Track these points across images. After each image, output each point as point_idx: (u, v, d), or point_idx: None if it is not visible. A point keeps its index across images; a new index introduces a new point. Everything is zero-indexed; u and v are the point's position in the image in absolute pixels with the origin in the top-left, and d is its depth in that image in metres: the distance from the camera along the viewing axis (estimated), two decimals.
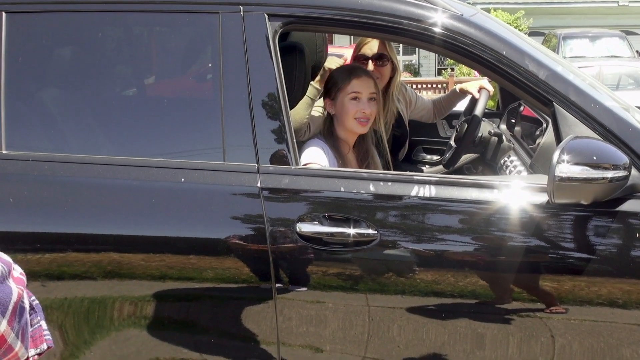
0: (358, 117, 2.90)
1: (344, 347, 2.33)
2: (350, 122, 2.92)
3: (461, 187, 2.33)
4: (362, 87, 2.90)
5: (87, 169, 2.37)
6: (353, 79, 2.92)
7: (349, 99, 2.90)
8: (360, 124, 2.92)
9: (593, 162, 2.12)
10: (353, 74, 2.96)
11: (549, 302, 2.27)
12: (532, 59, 2.38)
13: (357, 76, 2.94)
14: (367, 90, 2.91)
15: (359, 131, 2.94)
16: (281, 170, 2.35)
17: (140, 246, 2.33)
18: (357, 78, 2.92)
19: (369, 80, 2.95)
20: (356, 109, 2.89)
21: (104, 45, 2.59)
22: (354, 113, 2.89)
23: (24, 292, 1.25)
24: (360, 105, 2.89)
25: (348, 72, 2.99)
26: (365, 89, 2.90)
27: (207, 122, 2.47)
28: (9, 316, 1.19)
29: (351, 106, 2.90)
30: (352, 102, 2.90)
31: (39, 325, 1.35)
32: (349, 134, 2.97)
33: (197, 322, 2.38)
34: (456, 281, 2.27)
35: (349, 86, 2.91)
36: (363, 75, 2.95)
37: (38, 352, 1.31)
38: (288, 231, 2.28)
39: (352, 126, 2.92)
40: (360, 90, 2.90)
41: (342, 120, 2.93)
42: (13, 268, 1.26)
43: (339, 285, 2.28)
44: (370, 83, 2.94)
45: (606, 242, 2.25)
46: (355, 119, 2.91)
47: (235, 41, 2.40)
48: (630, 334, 2.27)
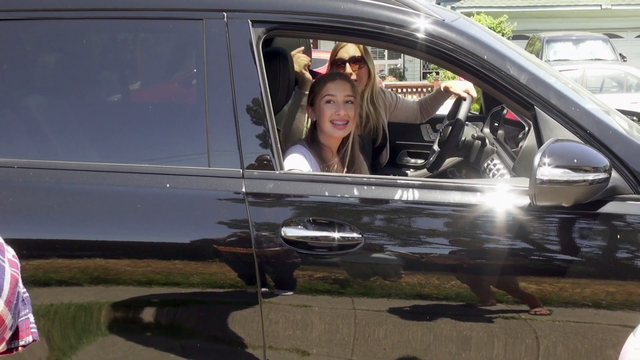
0: (334, 119, 2.89)
1: (330, 350, 2.35)
2: (326, 126, 2.91)
3: (444, 191, 2.35)
4: (337, 90, 2.90)
5: (73, 175, 2.38)
6: (328, 82, 2.93)
7: (324, 102, 2.90)
8: (336, 127, 2.90)
9: (574, 164, 2.15)
10: (328, 77, 2.99)
11: (533, 303, 2.29)
12: (513, 63, 2.40)
13: (331, 79, 2.95)
14: (342, 93, 2.90)
15: (335, 134, 2.93)
16: (266, 175, 2.36)
17: (126, 252, 2.34)
18: (331, 81, 2.93)
19: (344, 83, 2.95)
20: (331, 112, 2.88)
21: (89, 52, 2.60)
22: (329, 116, 2.89)
23: (18, 276, 1.24)
24: (335, 108, 2.89)
25: (324, 77, 3.02)
26: (339, 92, 2.90)
27: (192, 128, 2.48)
28: (7, 296, 1.18)
29: (327, 109, 2.89)
30: (327, 105, 2.89)
31: (27, 318, 1.34)
32: (330, 139, 2.96)
33: (183, 326, 2.39)
34: (441, 284, 2.29)
35: (324, 89, 2.92)
36: (338, 79, 2.96)
37: (23, 344, 1.31)
38: (273, 236, 2.29)
39: (328, 130, 2.91)
40: (334, 93, 2.90)
41: (320, 124, 2.93)
42: (6, 250, 1.24)
43: (324, 288, 2.30)
44: (346, 86, 2.94)
45: (588, 244, 2.27)
46: (332, 122, 2.89)
47: (219, 47, 2.42)
48: (614, 335, 2.29)
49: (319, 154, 2.92)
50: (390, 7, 2.45)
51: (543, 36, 17.81)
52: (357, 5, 2.45)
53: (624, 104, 9.27)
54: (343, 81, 2.96)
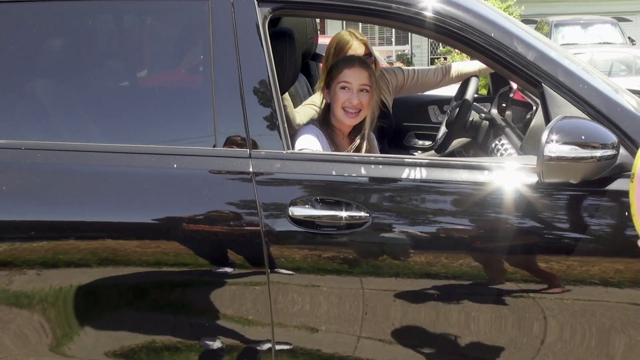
0: (346, 106, 2.87)
1: (339, 327, 2.35)
2: (338, 112, 2.89)
3: (451, 169, 2.34)
4: (353, 77, 2.87)
5: (80, 156, 2.39)
6: (345, 68, 2.90)
7: (339, 88, 2.88)
8: (347, 115, 2.88)
9: (582, 141, 2.14)
10: (346, 62, 2.95)
11: (541, 282, 2.29)
12: (520, 41, 2.39)
13: (349, 66, 2.91)
14: (358, 81, 2.87)
15: (345, 122, 2.91)
16: (273, 155, 2.36)
17: (135, 233, 2.35)
18: (349, 68, 2.90)
19: (362, 71, 2.91)
20: (344, 99, 2.87)
21: (94, 33, 2.60)
22: (342, 102, 2.87)
23: None
24: (349, 95, 2.87)
25: (342, 61, 2.98)
26: (355, 80, 2.87)
27: (199, 109, 2.48)
28: None
29: (340, 95, 2.87)
30: (341, 91, 2.87)
31: None
32: (342, 124, 2.95)
33: (192, 306, 2.40)
34: (449, 262, 2.29)
35: (341, 75, 2.89)
36: (356, 65, 2.92)
37: None
38: (280, 215, 2.29)
39: (340, 116, 2.90)
40: (350, 80, 2.87)
41: (334, 109, 2.92)
42: None
43: (332, 267, 2.30)
44: (364, 74, 2.89)
45: (596, 222, 2.27)
46: (343, 109, 2.88)
47: (225, 28, 2.41)
48: (623, 313, 2.29)
49: (330, 136, 2.91)
50: None
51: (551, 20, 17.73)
52: None
53: (635, 85, 9.22)
54: (361, 68, 2.92)
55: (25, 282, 2.36)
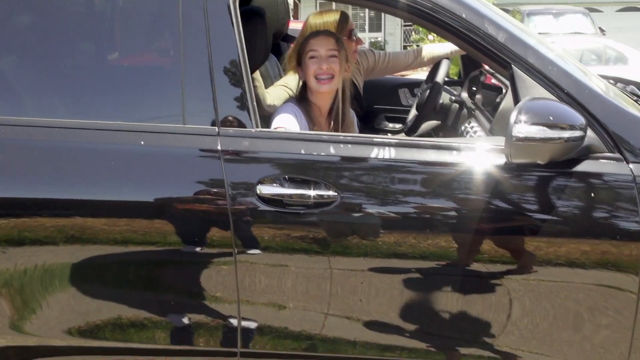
0: (317, 74, 2.90)
1: (306, 304, 2.35)
2: (311, 82, 2.93)
3: (420, 149, 2.34)
4: (319, 45, 2.92)
5: (44, 132, 2.35)
6: (310, 39, 2.96)
7: (308, 58, 2.92)
8: (320, 82, 2.92)
9: (550, 122, 2.15)
10: (311, 34, 3.02)
11: (508, 262, 2.30)
12: (491, 22, 2.39)
13: (314, 36, 2.98)
14: (325, 47, 2.92)
15: (320, 90, 2.93)
16: (241, 133, 2.34)
17: (102, 210, 2.32)
18: (314, 37, 2.96)
19: (327, 37, 2.97)
20: (315, 67, 2.90)
21: (61, 7, 2.56)
22: (313, 71, 2.90)
23: None
24: (318, 62, 2.90)
25: (308, 35, 3.03)
26: (322, 46, 2.91)
27: (168, 86, 2.45)
28: None
29: (310, 64, 2.91)
30: (311, 60, 2.91)
31: None
32: (319, 97, 2.97)
33: (159, 283, 2.39)
34: (417, 242, 2.29)
35: (307, 46, 2.94)
36: (320, 35, 2.99)
37: None
38: (248, 193, 2.28)
39: (313, 85, 2.93)
40: (317, 47, 2.91)
41: (307, 81, 2.95)
42: None
43: (299, 246, 2.29)
44: (329, 40, 2.95)
45: (563, 203, 2.28)
46: (316, 78, 2.91)
47: (195, 5, 2.39)
48: (588, 295, 2.31)
49: (309, 114, 2.92)
50: None
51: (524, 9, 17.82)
52: None
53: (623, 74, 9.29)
54: (326, 36, 2.98)
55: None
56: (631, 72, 12.42)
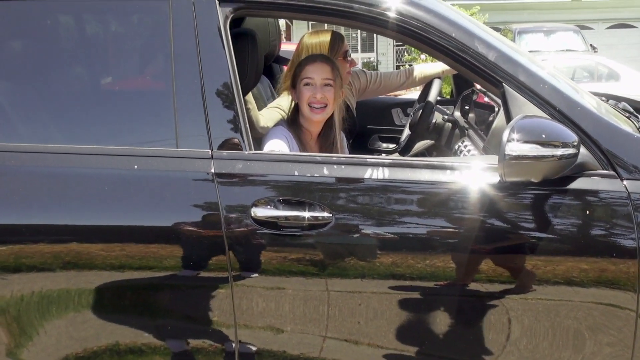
0: (311, 102, 2.89)
1: (304, 327, 2.34)
2: (304, 109, 2.92)
3: (414, 169, 2.34)
4: (315, 73, 2.90)
5: (38, 157, 2.34)
6: (307, 65, 2.93)
7: (303, 85, 2.90)
8: (313, 110, 2.90)
9: (542, 140, 2.15)
10: (308, 60, 2.98)
11: (506, 282, 2.29)
12: (481, 41, 2.40)
13: (311, 62, 2.95)
14: (320, 75, 2.90)
15: (312, 118, 2.92)
16: (235, 156, 2.34)
17: (97, 235, 2.31)
18: (310, 64, 2.93)
19: (324, 65, 2.94)
20: (309, 95, 2.89)
21: (53, 34, 2.56)
22: (307, 99, 2.89)
23: None
24: (313, 90, 2.89)
25: (305, 59, 3.00)
26: (317, 75, 2.90)
27: (160, 110, 2.46)
28: None
29: (305, 91, 2.90)
30: (305, 87, 2.90)
31: None
32: (311, 123, 2.96)
33: (156, 308, 2.37)
34: (414, 263, 2.28)
35: (303, 72, 2.92)
36: (317, 61, 2.95)
37: None
38: (243, 216, 2.27)
39: (306, 113, 2.92)
40: (312, 75, 2.89)
41: (300, 107, 2.94)
42: None
43: (295, 268, 2.28)
44: (325, 68, 2.92)
45: (559, 221, 2.27)
46: (309, 106, 2.90)
47: (186, 28, 2.39)
48: (587, 313, 2.30)
49: (299, 137, 2.91)
50: None
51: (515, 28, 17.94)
52: None
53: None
54: (322, 63, 2.95)
55: None
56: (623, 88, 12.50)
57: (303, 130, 2.96)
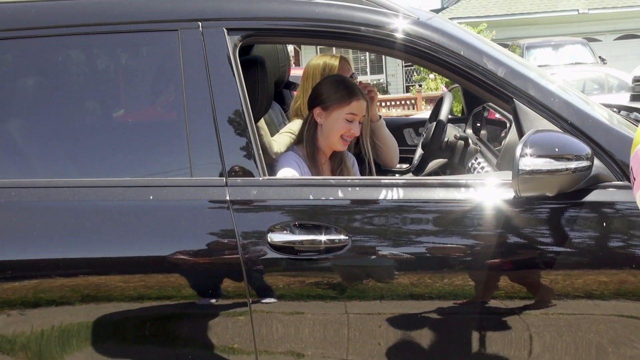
0: (346, 136, 2.95)
1: (324, 351, 2.33)
2: (335, 140, 2.96)
3: (428, 188, 2.34)
4: (359, 110, 2.96)
5: (54, 192, 2.36)
6: (353, 100, 2.95)
7: (343, 118, 2.94)
8: (343, 142, 2.97)
9: (555, 153, 2.15)
10: (353, 95, 2.97)
11: (526, 297, 2.28)
12: (490, 58, 2.41)
13: (357, 98, 2.97)
14: (361, 113, 2.97)
15: (339, 149, 2.99)
16: (249, 182, 2.35)
17: (115, 267, 2.31)
18: (357, 100, 2.96)
19: (365, 103, 3.00)
20: (347, 129, 2.94)
21: (64, 69, 2.58)
22: (344, 132, 2.94)
23: None
24: (352, 126, 2.94)
25: (349, 93, 2.98)
26: (360, 112, 2.96)
27: (173, 140, 2.47)
28: None
29: (344, 125, 2.94)
30: (346, 122, 2.94)
31: None
32: (329, 147, 3.00)
33: (176, 337, 2.37)
34: (433, 282, 2.27)
35: (348, 106, 2.94)
36: (362, 99, 2.99)
37: None
38: (259, 242, 2.28)
39: (335, 144, 2.97)
40: (357, 112, 2.95)
41: (328, 134, 2.96)
42: None
43: (314, 292, 2.28)
44: (364, 106, 2.99)
45: (576, 234, 2.26)
46: (341, 137, 2.95)
47: (195, 58, 2.41)
48: (609, 326, 2.28)
49: (314, 157, 2.93)
50: (365, 8, 2.46)
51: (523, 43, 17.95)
52: (332, 8, 2.45)
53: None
54: (364, 101, 3.01)
55: (7, 325, 2.32)
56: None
57: (319, 151, 2.98)
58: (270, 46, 3.83)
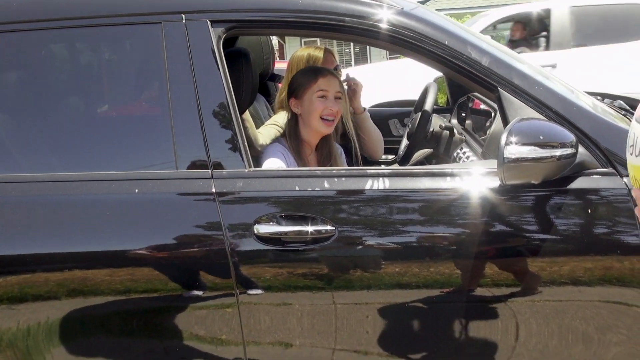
0: (325, 114, 2.90)
1: (313, 341, 2.33)
2: (315, 122, 2.92)
3: (414, 178, 2.35)
4: (329, 86, 2.91)
5: (39, 187, 2.35)
6: (319, 77, 2.93)
7: (316, 97, 2.90)
8: (325, 123, 2.92)
9: (540, 141, 2.16)
10: (319, 73, 2.98)
11: (512, 285, 2.29)
12: (474, 47, 2.41)
13: (323, 74, 2.95)
14: (334, 88, 2.92)
15: (324, 131, 2.94)
16: (235, 174, 2.34)
17: (102, 261, 2.31)
18: (323, 77, 2.94)
19: (335, 79, 2.96)
20: (323, 107, 2.89)
21: (48, 63, 2.57)
22: (321, 111, 2.90)
23: None
24: (328, 103, 2.90)
25: (314, 72, 3.00)
26: (331, 88, 2.91)
27: (158, 133, 2.46)
28: None
29: (319, 104, 2.90)
30: (319, 100, 2.90)
31: None
32: (313, 135, 2.97)
33: (163, 330, 2.36)
34: (420, 271, 2.28)
35: (315, 84, 2.92)
36: (329, 75, 2.97)
37: None
38: (246, 234, 2.28)
39: (317, 126, 2.92)
40: (327, 88, 2.91)
41: (308, 119, 2.93)
42: None
43: (302, 283, 2.28)
44: (336, 82, 2.95)
45: (561, 221, 2.27)
46: (322, 118, 2.91)
47: (179, 50, 2.40)
48: (595, 312, 2.29)
49: (298, 150, 2.92)
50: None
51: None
52: (316, 0, 2.45)
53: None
54: (333, 77, 2.97)
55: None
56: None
57: (303, 143, 2.96)
58: (255, 38, 3.82)
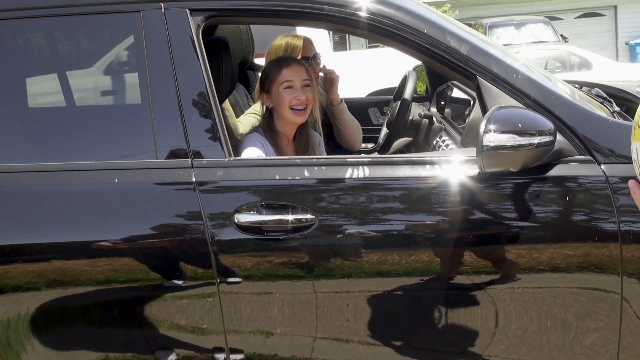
0: (294, 104, 2.88)
1: (294, 329, 2.34)
2: (286, 112, 2.90)
3: (394, 166, 2.35)
4: (294, 75, 2.89)
5: (17, 177, 2.33)
6: (283, 67, 2.92)
7: (283, 88, 2.89)
8: (296, 113, 2.90)
9: (519, 129, 2.17)
10: (282, 62, 2.96)
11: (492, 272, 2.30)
12: (453, 35, 2.42)
13: (286, 64, 2.94)
14: (299, 77, 2.90)
15: (297, 121, 2.93)
16: (215, 164, 2.34)
17: (81, 251, 2.30)
18: (286, 67, 2.92)
19: (300, 67, 2.94)
20: (291, 97, 2.88)
21: (26, 52, 2.55)
22: (289, 101, 2.88)
23: None
24: (295, 93, 2.88)
25: (278, 63, 2.99)
26: (297, 77, 2.89)
27: (137, 122, 2.45)
28: None
29: (286, 94, 2.88)
30: (286, 91, 2.88)
31: None
32: (288, 125, 2.96)
33: (144, 320, 2.36)
34: (400, 259, 2.29)
35: (280, 75, 2.90)
36: (293, 64, 2.95)
37: None
38: (226, 223, 2.28)
39: (288, 116, 2.91)
40: (292, 78, 2.89)
41: (279, 111, 2.92)
42: None
43: (282, 272, 2.29)
44: (302, 70, 2.93)
45: (540, 209, 2.28)
46: (291, 109, 2.89)
47: (158, 39, 2.39)
48: (574, 299, 2.31)
49: (275, 142, 2.91)
50: None
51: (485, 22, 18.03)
52: None
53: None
54: (298, 66, 2.95)
55: None
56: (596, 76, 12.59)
57: (279, 135, 2.95)
58: (234, 27, 3.81)
